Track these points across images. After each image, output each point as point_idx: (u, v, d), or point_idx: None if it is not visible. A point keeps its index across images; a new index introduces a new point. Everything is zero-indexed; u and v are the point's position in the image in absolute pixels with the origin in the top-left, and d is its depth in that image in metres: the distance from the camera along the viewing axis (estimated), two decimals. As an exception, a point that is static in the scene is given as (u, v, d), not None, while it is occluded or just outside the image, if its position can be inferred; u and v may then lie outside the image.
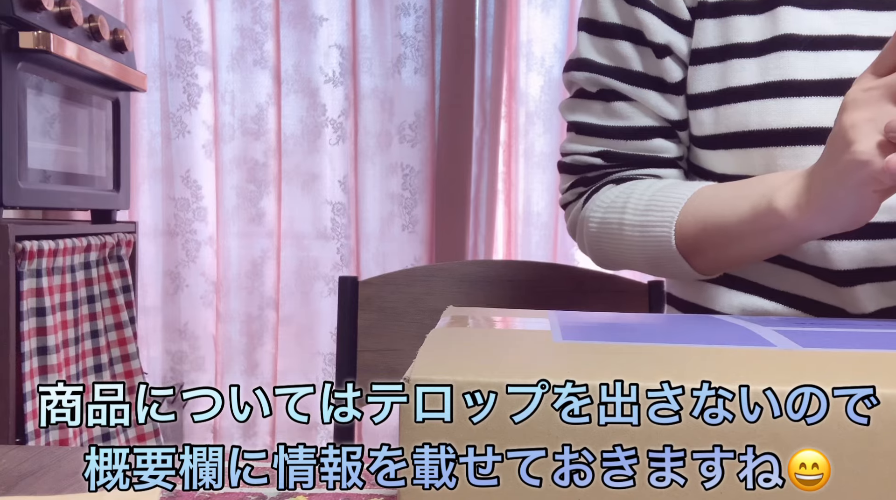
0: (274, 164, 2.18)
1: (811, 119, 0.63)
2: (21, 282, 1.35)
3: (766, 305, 0.69)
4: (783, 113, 0.64)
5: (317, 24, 2.13)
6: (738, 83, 0.67)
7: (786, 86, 0.64)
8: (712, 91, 0.69)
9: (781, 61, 0.65)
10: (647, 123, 0.74)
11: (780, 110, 0.64)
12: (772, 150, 0.64)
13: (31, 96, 1.44)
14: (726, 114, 0.68)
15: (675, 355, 0.39)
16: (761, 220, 0.61)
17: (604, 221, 0.73)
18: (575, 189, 0.79)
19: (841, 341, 0.44)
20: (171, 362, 2.20)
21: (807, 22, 0.66)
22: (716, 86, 0.69)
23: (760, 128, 0.65)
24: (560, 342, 0.42)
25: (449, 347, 0.40)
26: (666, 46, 0.72)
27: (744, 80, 0.66)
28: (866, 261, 0.64)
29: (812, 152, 0.62)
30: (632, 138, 0.74)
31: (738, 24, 0.68)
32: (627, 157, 0.75)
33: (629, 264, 0.75)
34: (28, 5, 1.38)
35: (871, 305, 0.65)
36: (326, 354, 2.19)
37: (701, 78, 0.70)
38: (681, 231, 0.67)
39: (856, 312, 0.65)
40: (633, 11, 0.72)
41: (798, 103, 0.63)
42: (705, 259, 0.68)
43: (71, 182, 1.60)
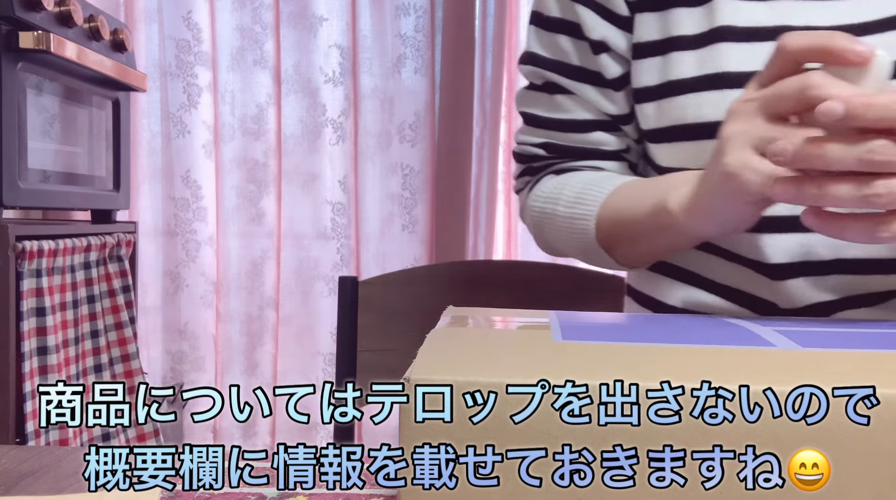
0: (274, 164, 2.18)
1: None
2: (21, 282, 1.35)
3: (706, 298, 0.69)
4: (717, 105, 0.63)
5: (317, 24, 2.13)
6: (677, 76, 0.67)
7: (721, 78, 0.64)
8: (655, 85, 0.69)
9: (717, 53, 0.64)
10: (587, 116, 0.75)
11: (714, 102, 0.64)
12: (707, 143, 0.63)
13: (31, 96, 1.44)
14: (667, 107, 0.67)
15: (675, 355, 0.39)
16: (658, 218, 0.62)
17: (542, 211, 0.76)
18: (523, 177, 0.82)
19: (841, 341, 0.44)
20: (171, 362, 2.20)
21: (743, 13, 0.65)
22: (657, 79, 0.68)
23: (697, 121, 0.65)
24: (560, 342, 0.42)
25: (449, 347, 0.40)
26: (602, 42, 0.72)
27: (683, 74, 0.66)
28: (799, 255, 0.64)
29: None
30: (572, 131, 0.76)
31: (677, 16, 0.68)
32: (569, 149, 0.77)
33: (567, 252, 0.77)
34: (28, 5, 1.38)
35: (804, 299, 0.64)
36: (326, 354, 2.19)
37: (644, 72, 0.70)
38: (599, 225, 0.69)
39: (788, 306, 0.65)
40: (573, 6, 0.73)
41: (732, 95, 0.62)
42: (623, 252, 0.70)
43: (71, 182, 1.60)
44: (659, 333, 0.46)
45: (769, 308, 0.67)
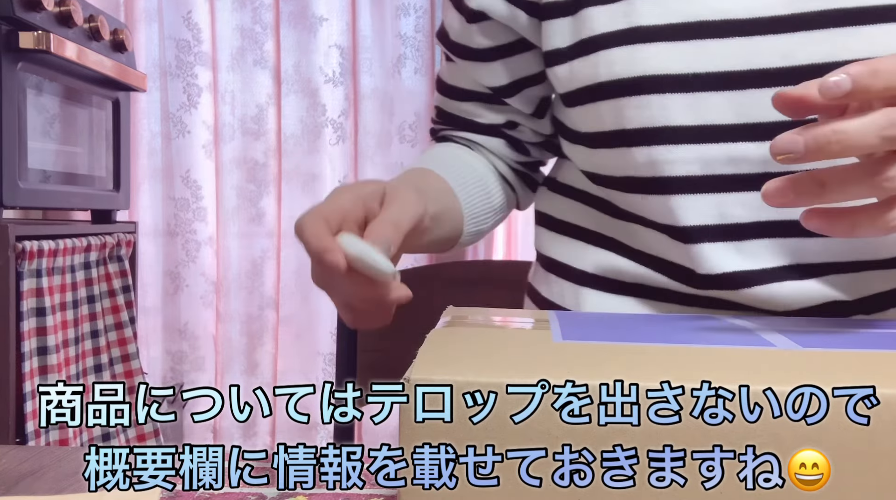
0: (274, 164, 2.18)
1: (657, 66, 0.60)
2: (21, 282, 1.35)
3: (622, 263, 0.68)
4: (628, 61, 0.61)
5: (317, 24, 2.13)
6: (588, 34, 0.64)
7: (632, 33, 0.62)
8: (567, 46, 0.66)
9: (630, 8, 0.62)
10: (465, 86, 0.76)
11: (625, 59, 0.62)
12: (619, 101, 0.62)
13: (31, 96, 1.44)
14: (579, 67, 0.65)
15: (675, 354, 0.39)
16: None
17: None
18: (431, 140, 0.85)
19: (841, 341, 0.44)
20: (171, 362, 2.20)
21: None
22: (570, 40, 0.66)
23: (609, 79, 0.62)
24: (560, 342, 0.42)
25: (449, 347, 0.40)
26: (479, 12, 0.71)
27: (594, 31, 0.64)
28: (713, 216, 0.61)
29: (657, 102, 0.60)
30: (452, 98, 0.78)
31: None
32: (450, 116, 0.79)
33: None
34: (28, 5, 1.38)
35: (721, 266, 0.61)
36: (326, 354, 2.19)
37: (555, 33, 0.67)
38: None
39: (705, 272, 0.62)
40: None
41: (644, 49, 0.60)
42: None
43: (71, 182, 1.60)
44: (659, 333, 0.46)
45: (686, 275, 0.64)
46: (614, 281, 0.68)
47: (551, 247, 0.75)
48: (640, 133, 0.62)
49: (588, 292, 0.70)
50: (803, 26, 0.58)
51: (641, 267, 0.67)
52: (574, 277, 0.71)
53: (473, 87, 0.76)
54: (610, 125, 0.63)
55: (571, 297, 0.71)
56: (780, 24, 0.58)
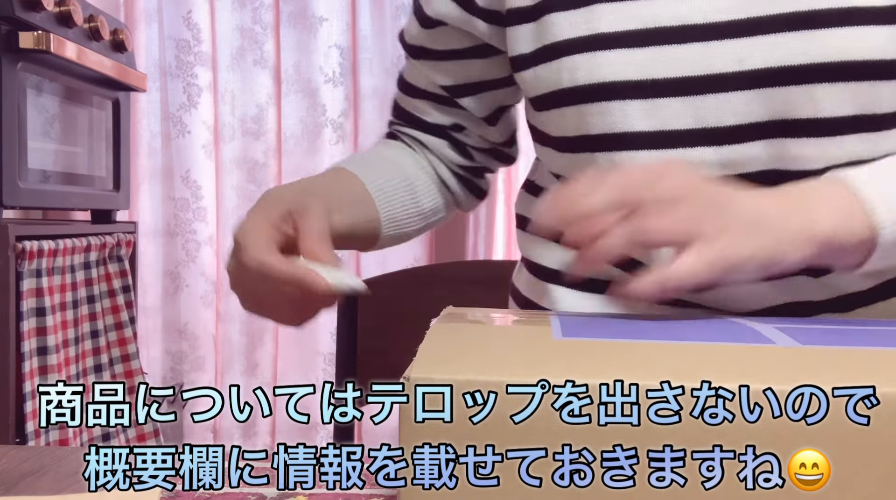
0: (274, 164, 2.18)
1: (616, 72, 0.61)
2: (21, 282, 1.35)
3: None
4: (589, 68, 0.62)
5: (317, 24, 2.13)
6: (551, 40, 0.64)
7: (592, 40, 0.62)
8: (530, 51, 0.66)
9: (590, 15, 0.62)
10: (420, 84, 0.78)
11: (586, 65, 0.62)
12: (581, 107, 0.62)
13: (31, 96, 1.44)
14: (543, 73, 0.65)
15: (675, 352, 0.39)
16: None
17: None
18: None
19: (841, 339, 0.44)
20: (171, 362, 2.20)
21: None
22: (533, 46, 0.66)
23: (571, 85, 0.63)
24: (560, 339, 0.42)
25: (448, 345, 0.40)
26: (436, 20, 0.72)
27: (556, 37, 0.64)
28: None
29: (617, 108, 0.61)
30: (408, 95, 0.79)
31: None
32: (403, 111, 0.80)
33: None
34: (28, 5, 1.38)
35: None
36: (326, 354, 2.19)
37: (519, 39, 0.67)
38: None
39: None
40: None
41: (603, 56, 0.61)
42: None
43: (71, 182, 1.60)
44: (659, 330, 0.46)
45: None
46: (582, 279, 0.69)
47: (526, 247, 0.76)
48: (602, 139, 0.62)
49: (559, 290, 0.70)
50: (759, 30, 0.58)
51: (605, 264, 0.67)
52: (546, 276, 0.72)
53: (427, 86, 0.77)
54: (574, 130, 0.64)
55: (545, 295, 0.71)
56: (735, 29, 0.58)
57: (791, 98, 0.57)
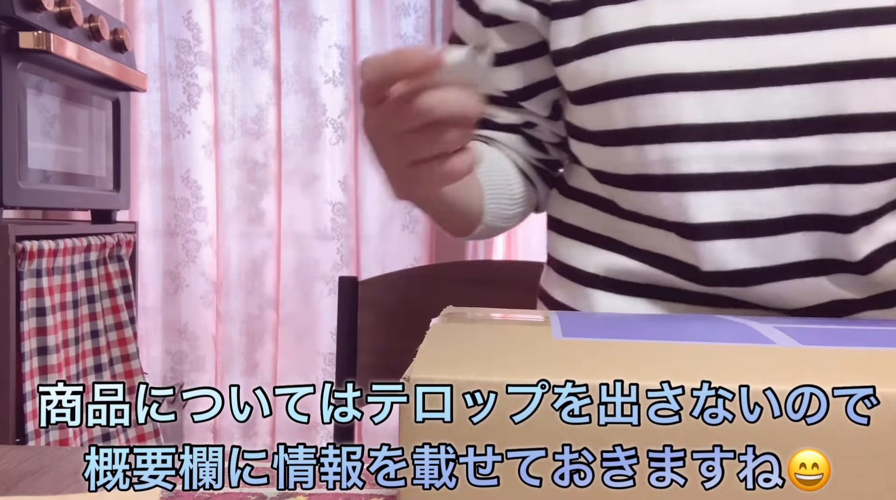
0: (274, 164, 2.18)
1: (669, 64, 0.61)
2: (21, 282, 1.35)
3: (628, 263, 0.68)
4: (641, 60, 0.62)
5: (317, 24, 2.13)
6: (598, 33, 0.65)
7: (645, 32, 0.63)
8: (574, 45, 0.67)
9: (644, 9, 0.63)
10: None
11: (638, 57, 0.62)
12: (631, 100, 0.63)
13: (31, 96, 1.44)
14: (588, 66, 0.66)
15: (675, 352, 0.39)
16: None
17: None
18: None
19: (841, 339, 0.44)
20: (171, 362, 2.20)
21: None
22: (577, 39, 0.67)
23: (620, 77, 0.63)
24: (560, 339, 0.42)
25: (448, 345, 0.40)
26: (494, 16, 0.71)
27: (605, 30, 0.64)
28: (727, 214, 0.62)
29: (670, 100, 0.61)
30: None
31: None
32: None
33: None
34: (28, 5, 1.38)
35: (728, 263, 0.62)
36: (326, 354, 2.19)
37: (562, 33, 0.68)
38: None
39: (712, 269, 0.63)
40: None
41: (656, 48, 0.61)
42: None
43: (71, 182, 1.60)
44: (658, 330, 0.46)
45: (692, 272, 0.65)
46: (623, 282, 0.69)
47: (561, 250, 0.76)
48: (653, 131, 0.62)
49: (598, 293, 0.70)
50: (813, 26, 0.58)
51: (648, 267, 0.68)
52: (583, 279, 0.72)
53: (489, 91, 0.76)
54: (622, 123, 0.64)
55: (582, 299, 0.71)
56: (789, 24, 0.59)
57: (846, 93, 0.58)
